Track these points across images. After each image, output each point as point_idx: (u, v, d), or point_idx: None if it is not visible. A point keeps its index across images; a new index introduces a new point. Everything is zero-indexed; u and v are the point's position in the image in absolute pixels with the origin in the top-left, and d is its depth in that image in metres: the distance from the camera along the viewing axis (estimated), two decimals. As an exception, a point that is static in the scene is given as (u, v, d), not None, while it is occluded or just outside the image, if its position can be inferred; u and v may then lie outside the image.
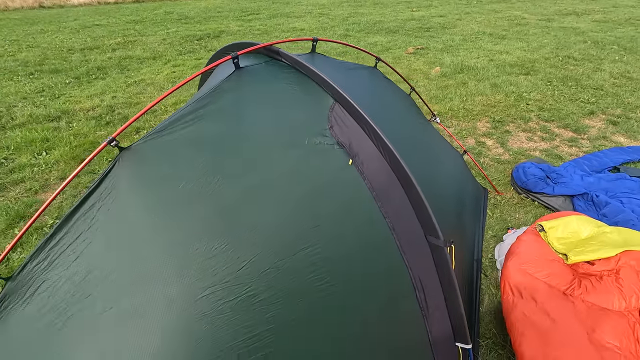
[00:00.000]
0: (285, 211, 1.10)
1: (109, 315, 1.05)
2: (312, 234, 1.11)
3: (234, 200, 1.10)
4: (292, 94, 1.26)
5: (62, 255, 1.07)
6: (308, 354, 1.11)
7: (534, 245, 1.94)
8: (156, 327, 1.03)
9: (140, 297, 1.06)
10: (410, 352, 1.25)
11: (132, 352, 1.04)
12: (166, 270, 1.07)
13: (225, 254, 1.08)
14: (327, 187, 1.14)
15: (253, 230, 1.10)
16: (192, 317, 1.03)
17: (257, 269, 1.08)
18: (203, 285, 1.06)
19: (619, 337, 1.48)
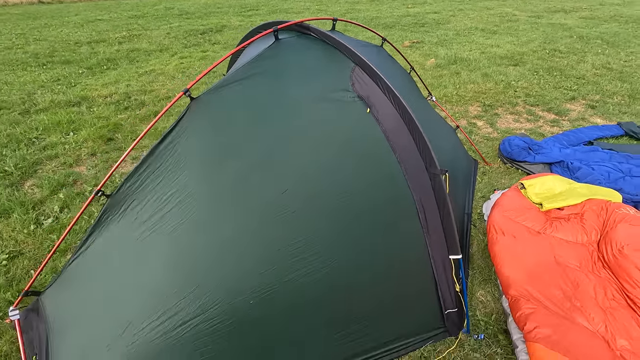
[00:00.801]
0: (321, 147, 1.44)
1: (184, 226, 1.38)
2: (341, 165, 1.45)
3: (280, 138, 1.43)
4: (321, 60, 1.59)
5: (150, 179, 1.40)
6: (332, 257, 1.45)
7: (516, 198, 2.30)
8: (219, 232, 1.37)
9: (209, 213, 1.40)
10: (415, 263, 1.59)
11: (203, 251, 1.37)
12: (228, 191, 1.41)
13: (273, 179, 1.41)
14: (350, 129, 1.48)
15: (294, 162, 1.43)
16: (251, 225, 1.37)
17: (298, 193, 1.42)
18: (259, 203, 1.39)
19: (579, 260, 1.84)
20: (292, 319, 1.44)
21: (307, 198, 1.44)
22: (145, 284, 1.36)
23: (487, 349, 1.65)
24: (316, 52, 1.61)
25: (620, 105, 4.22)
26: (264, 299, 1.39)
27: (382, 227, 1.50)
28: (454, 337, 1.69)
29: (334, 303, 1.48)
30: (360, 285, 1.51)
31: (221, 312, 1.36)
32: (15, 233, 2.43)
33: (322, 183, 1.44)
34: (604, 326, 1.52)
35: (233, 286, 1.38)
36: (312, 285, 1.44)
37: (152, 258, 1.38)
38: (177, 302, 1.34)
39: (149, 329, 1.31)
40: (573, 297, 1.65)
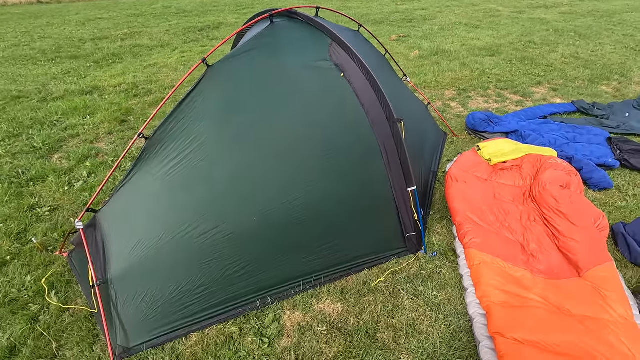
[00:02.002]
0: (306, 102, 1.91)
1: (202, 163, 1.84)
2: (322, 115, 1.92)
3: (276, 95, 1.90)
4: (306, 37, 2.05)
5: (177, 126, 1.85)
6: (317, 184, 1.91)
7: (471, 156, 2.78)
8: (229, 167, 1.83)
9: (221, 153, 1.86)
10: (381, 193, 2.06)
11: (217, 180, 1.82)
12: (236, 136, 1.87)
13: (272, 126, 1.88)
14: (329, 88, 1.95)
15: (289, 113, 1.90)
16: (253, 161, 1.83)
17: (291, 135, 1.89)
18: (260, 144, 1.86)
19: (513, 197, 2.33)
20: (287, 233, 1.90)
21: (297, 139, 1.90)
22: (174, 205, 1.82)
23: (438, 262, 2.12)
24: (302, 32, 2.07)
25: (579, 88, 4.72)
26: (264, 216, 1.85)
27: (356, 162, 1.97)
28: (413, 255, 2.16)
29: (319, 221, 1.95)
30: (340, 209, 1.98)
31: (231, 225, 1.82)
32: (52, 192, 2.87)
33: (309, 128, 1.91)
34: (522, 237, 2.01)
35: (239, 207, 1.84)
36: (302, 207, 1.90)
37: (179, 185, 1.84)
38: (199, 218, 1.80)
39: (180, 236, 1.77)
40: (504, 220, 2.14)
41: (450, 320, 1.78)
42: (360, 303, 1.90)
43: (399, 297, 1.92)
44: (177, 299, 1.76)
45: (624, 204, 2.53)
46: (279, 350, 1.70)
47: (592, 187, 2.66)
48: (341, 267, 2.03)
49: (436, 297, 1.90)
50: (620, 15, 9.41)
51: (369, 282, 2.00)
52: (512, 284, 1.70)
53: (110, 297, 1.73)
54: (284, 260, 1.93)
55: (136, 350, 1.69)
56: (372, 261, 2.09)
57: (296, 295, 1.94)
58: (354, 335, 1.73)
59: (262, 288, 1.89)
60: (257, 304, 1.87)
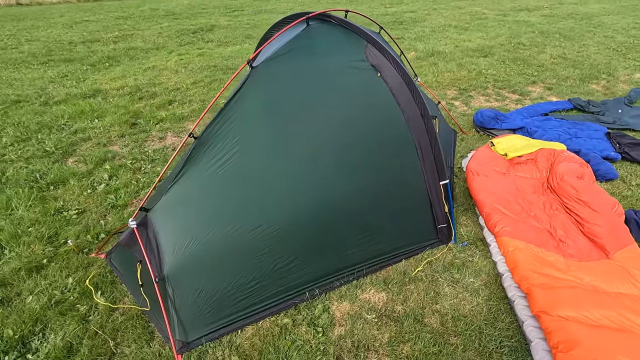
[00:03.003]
0: (346, 100, 2.00)
1: (249, 160, 1.90)
2: (360, 112, 2.01)
3: (317, 94, 1.98)
4: (342, 39, 2.14)
5: (224, 126, 1.90)
6: (357, 180, 2.01)
7: (487, 152, 2.93)
8: (276, 163, 1.90)
9: (269, 151, 1.92)
10: (415, 186, 2.17)
11: (263, 177, 1.89)
12: (283, 134, 1.94)
13: (314, 123, 1.96)
14: (367, 87, 2.04)
15: (330, 111, 1.98)
16: (300, 157, 1.91)
17: (331, 133, 1.97)
18: (305, 141, 1.93)
19: (533, 188, 2.48)
20: (329, 226, 1.98)
21: (338, 137, 1.99)
22: (224, 202, 1.87)
23: (469, 251, 2.25)
24: (337, 34, 2.16)
25: (572, 87, 4.98)
26: (308, 211, 1.93)
27: (392, 158, 2.07)
28: (445, 245, 2.28)
29: (359, 215, 2.04)
30: (378, 202, 2.07)
31: (278, 221, 1.88)
32: (75, 196, 2.86)
33: (349, 126, 2.00)
34: (549, 224, 2.15)
35: (285, 203, 1.91)
36: (343, 202, 1.99)
37: (227, 183, 1.89)
38: (247, 214, 1.86)
39: (231, 232, 1.83)
40: (528, 209, 2.28)
41: (490, 303, 1.90)
42: (403, 291, 1.99)
43: (438, 284, 2.03)
44: (231, 293, 1.82)
45: (629, 193, 2.72)
46: (333, 338, 1.77)
47: (599, 179, 2.84)
48: (381, 258, 2.12)
49: (473, 283, 2.02)
50: (599, 18, 9.90)
51: (408, 271, 2.10)
52: (548, 267, 1.83)
53: (167, 294, 1.77)
54: (328, 253, 2.01)
55: (195, 344, 1.74)
56: (409, 252, 2.20)
57: (341, 286, 2.02)
58: (403, 321, 1.82)
59: (309, 280, 1.97)
60: (306, 296, 1.94)
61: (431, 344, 1.71)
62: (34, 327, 1.85)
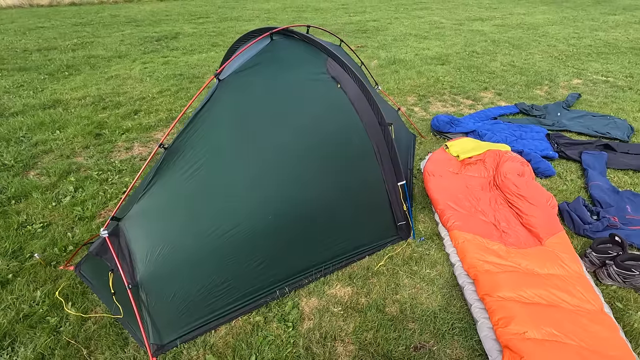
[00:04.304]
0: (309, 110, 2.16)
1: (219, 168, 2.01)
2: (323, 121, 2.18)
3: (283, 105, 2.12)
4: (304, 54, 2.30)
5: (194, 136, 2.00)
6: (322, 182, 2.16)
7: (441, 154, 3.19)
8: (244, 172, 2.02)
9: (237, 160, 2.04)
10: (375, 188, 2.35)
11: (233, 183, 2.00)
12: (249, 143, 2.06)
13: (284, 132, 2.10)
14: (329, 97, 2.21)
15: (295, 121, 2.13)
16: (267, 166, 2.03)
17: (296, 141, 2.12)
18: (271, 150, 2.07)
19: (481, 186, 2.75)
20: (298, 228, 2.12)
21: (303, 144, 2.13)
22: (196, 208, 1.96)
23: (426, 246, 2.46)
24: (300, 49, 2.32)
25: (518, 92, 5.44)
26: (278, 214, 2.06)
27: (354, 162, 2.24)
28: (405, 241, 2.48)
29: (325, 216, 2.19)
30: (342, 204, 2.23)
31: (249, 224, 2.00)
32: (39, 209, 2.81)
33: (313, 134, 2.15)
34: (493, 218, 2.41)
35: (256, 207, 2.03)
36: (310, 205, 2.13)
37: (199, 190, 1.98)
38: (219, 219, 1.96)
39: (203, 237, 1.92)
40: (476, 205, 2.53)
41: (444, 291, 2.11)
42: (367, 285, 2.16)
43: (399, 277, 2.21)
44: (204, 295, 1.90)
45: (564, 187, 3.06)
46: (303, 331, 1.90)
47: (539, 175, 3.18)
48: (346, 256, 2.28)
49: (429, 274, 2.22)
50: (544, 28, 10.77)
51: (371, 266, 2.27)
52: (492, 255, 2.06)
53: (141, 299, 1.83)
54: (296, 253, 2.14)
55: (170, 346, 1.81)
56: (372, 249, 2.37)
57: (309, 283, 2.15)
58: (366, 312, 1.99)
59: (279, 279, 2.09)
60: (276, 294, 2.06)
61: (391, 330, 1.88)
62: (2, 341, 1.84)
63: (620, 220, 2.59)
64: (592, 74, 6.27)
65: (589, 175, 3.09)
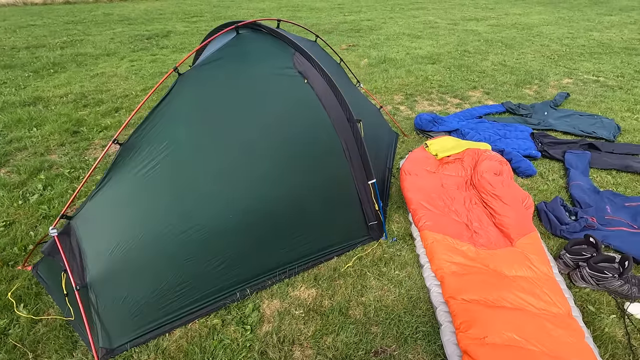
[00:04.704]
0: (274, 105, 2.08)
1: (178, 164, 1.94)
2: (289, 117, 2.10)
3: (247, 99, 2.05)
4: (270, 48, 2.23)
5: (152, 131, 1.93)
6: (288, 180, 2.09)
7: (421, 153, 3.12)
8: (205, 167, 1.95)
9: (197, 156, 1.97)
10: (345, 187, 2.28)
11: (192, 180, 1.93)
12: (210, 139, 1.99)
13: (246, 127, 2.03)
14: (294, 93, 2.14)
15: (259, 116, 2.06)
16: (228, 162, 1.96)
17: (260, 137, 2.05)
18: (233, 147, 1.99)
19: (457, 185, 2.68)
20: (262, 227, 2.04)
21: (267, 140, 2.06)
22: (153, 206, 1.89)
23: (398, 246, 2.38)
24: (266, 43, 2.25)
25: (507, 92, 5.37)
26: (240, 213, 1.98)
27: (321, 159, 2.17)
28: (376, 241, 2.41)
29: (290, 215, 2.11)
30: (309, 203, 2.16)
31: (209, 223, 1.92)
32: (4, 207, 2.74)
33: (278, 130, 2.08)
34: (466, 217, 2.34)
35: (216, 205, 1.96)
36: (274, 203, 2.06)
37: (156, 187, 1.91)
38: (177, 217, 1.89)
39: (160, 235, 1.84)
40: (450, 205, 2.46)
41: (411, 293, 2.03)
42: (332, 287, 2.09)
43: (366, 278, 2.14)
44: (159, 297, 1.83)
45: (545, 187, 3.00)
46: (260, 334, 1.83)
47: (520, 175, 3.11)
48: (313, 257, 2.21)
49: (398, 275, 2.15)
50: (538, 28, 10.71)
51: (338, 268, 2.20)
52: (460, 256, 1.99)
53: (90, 301, 1.76)
54: (260, 253, 2.07)
55: (120, 350, 1.73)
56: (340, 249, 2.30)
57: (273, 285, 2.08)
58: (329, 315, 1.92)
59: (241, 281, 2.01)
60: (237, 296, 1.98)
61: (353, 334, 1.81)
62: (-54, 344, 1.77)
63: (599, 220, 2.52)
64: (583, 74, 6.21)
65: (570, 174, 3.03)
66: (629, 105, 4.70)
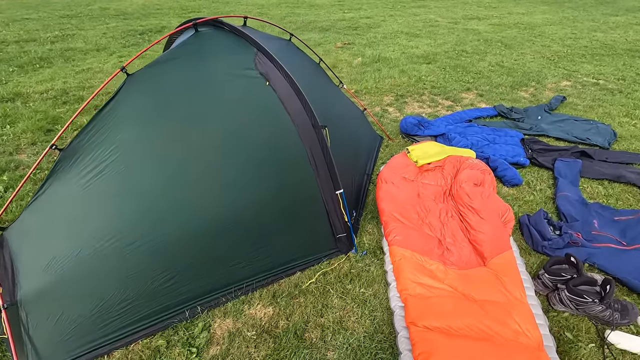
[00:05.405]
0: (232, 109, 1.94)
1: (122, 174, 1.80)
2: (248, 122, 1.96)
3: (202, 102, 1.90)
4: (231, 47, 2.08)
5: (95, 136, 1.79)
6: (245, 190, 1.94)
7: (401, 159, 2.96)
8: (152, 177, 1.80)
9: (146, 164, 1.83)
10: (310, 197, 2.13)
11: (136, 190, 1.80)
12: (161, 146, 1.85)
13: (200, 133, 1.88)
14: (255, 96, 1.99)
15: (214, 120, 1.91)
16: (180, 171, 1.82)
17: (217, 144, 1.90)
18: (186, 153, 1.85)
19: (435, 195, 2.52)
20: (216, 240, 1.90)
21: (223, 146, 1.92)
22: (95, 217, 1.75)
23: (368, 261, 2.24)
24: (227, 42, 2.10)
25: (502, 94, 5.19)
26: (191, 224, 1.85)
27: (283, 167, 2.02)
28: (344, 254, 2.26)
29: (248, 228, 1.97)
30: (269, 213, 2.02)
31: (157, 235, 1.79)
32: (-40, 210, 2.61)
33: (235, 135, 1.93)
34: (439, 232, 2.18)
35: (166, 216, 1.82)
36: (231, 214, 1.92)
37: (100, 196, 1.77)
38: (122, 229, 1.75)
39: (101, 249, 1.71)
40: (424, 217, 2.31)
41: (375, 314, 1.89)
42: (291, 305, 1.95)
43: (329, 296, 2.00)
44: (98, 315, 1.70)
45: (531, 197, 2.83)
46: (207, 358, 1.69)
47: (505, 184, 2.95)
48: (273, 272, 2.07)
49: (363, 294, 2.01)
50: (541, 28, 10.46)
51: (300, 284, 2.06)
52: (427, 277, 1.85)
53: (21, 320, 1.63)
54: (213, 268, 1.93)
55: (51, 374, 1.60)
56: (304, 263, 2.16)
57: (227, 302, 1.95)
58: (282, 337, 1.77)
59: (191, 298, 1.88)
60: (185, 315, 1.85)
61: (305, 360, 1.67)
62: None
63: (585, 236, 2.36)
64: (583, 76, 6.01)
65: (558, 184, 2.86)
66: (628, 110, 4.51)
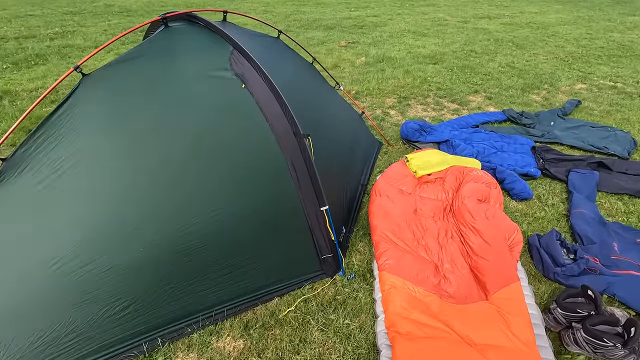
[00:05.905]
0: (202, 114, 1.71)
1: (80, 187, 1.59)
2: (220, 129, 1.73)
3: (169, 106, 1.68)
4: (205, 44, 1.86)
5: (45, 144, 1.58)
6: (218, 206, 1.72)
7: (399, 168, 2.71)
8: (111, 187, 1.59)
9: (103, 175, 1.61)
10: (291, 214, 1.90)
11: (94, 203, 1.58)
12: (122, 153, 1.63)
13: (166, 140, 1.66)
14: (229, 100, 1.76)
15: (182, 127, 1.69)
16: (143, 183, 1.60)
17: (186, 152, 1.68)
18: (150, 162, 1.63)
19: (434, 211, 2.27)
20: (181, 263, 1.68)
21: (191, 156, 1.70)
22: (41, 236, 1.55)
23: (356, 285, 2.00)
24: (201, 39, 1.88)
25: (512, 97, 4.89)
26: (154, 245, 1.63)
27: (260, 181, 1.80)
28: (330, 278, 2.02)
29: (218, 248, 1.75)
30: (243, 233, 1.79)
31: (113, 257, 1.57)
32: None
33: (205, 144, 1.71)
34: (437, 256, 1.93)
35: (123, 235, 1.61)
36: (199, 233, 1.69)
37: (48, 211, 1.57)
38: (72, 250, 1.54)
39: (46, 273, 1.50)
40: (421, 237, 2.06)
41: (359, 352, 1.65)
42: (264, 338, 1.72)
43: (308, 328, 1.76)
44: (41, 349, 1.49)
45: (542, 213, 2.56)
46: (162, 402, 1.48)
47: (513, 198, 2.68)
48: (247, 298, 1.84)
49: (348, 326, 1.77)
50: (554, 28, 10.07)
51: (277, 312, 1.83)
52: (419, 312, 1.60)
53: (-51, 355, 1.43)
54: (177, 294, 1.71)
55: (-18, 418, 1.40)
56: (283, 288, 1.93)
57: (193, 333, 1.72)
58: (251, 378, 1.55)
59: (151, 328, 1.66)
60: (143, 348, 1.63)
61: (274, 410, 1.44)
62: None
63: (604, 261, 2.09)
64: (599, 79, 5.67)
65: (573, 200, 2.58)
66: (649, 117, 4.18)
